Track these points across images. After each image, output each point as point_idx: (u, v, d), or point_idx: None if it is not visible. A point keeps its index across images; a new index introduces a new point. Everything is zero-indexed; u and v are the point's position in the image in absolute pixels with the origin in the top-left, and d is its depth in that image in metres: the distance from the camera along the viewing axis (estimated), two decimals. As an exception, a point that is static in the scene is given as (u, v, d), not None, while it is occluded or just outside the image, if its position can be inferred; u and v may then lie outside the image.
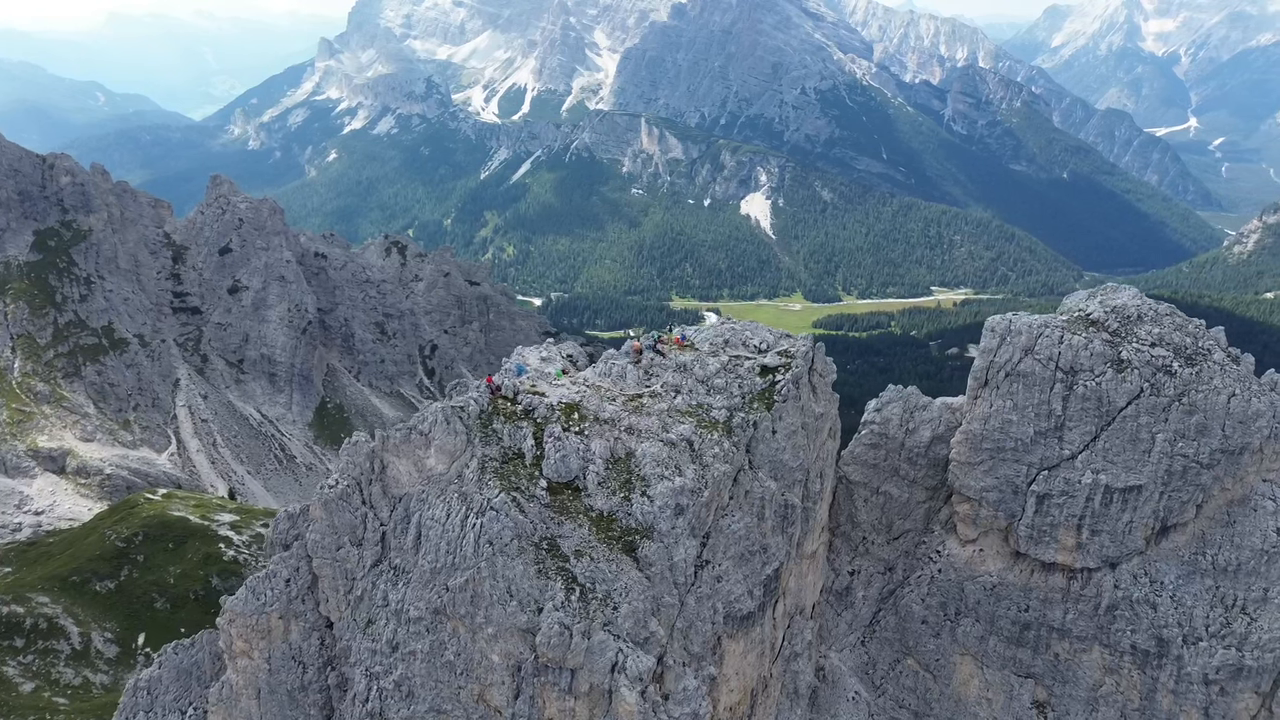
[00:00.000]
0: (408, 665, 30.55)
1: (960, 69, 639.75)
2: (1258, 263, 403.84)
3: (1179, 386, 33.05)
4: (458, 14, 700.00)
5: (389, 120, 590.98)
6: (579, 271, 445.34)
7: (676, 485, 30.56)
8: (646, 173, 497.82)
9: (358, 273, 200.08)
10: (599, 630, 28.33)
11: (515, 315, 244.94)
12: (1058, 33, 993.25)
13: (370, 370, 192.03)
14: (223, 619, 33.54)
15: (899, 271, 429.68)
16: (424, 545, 30.43)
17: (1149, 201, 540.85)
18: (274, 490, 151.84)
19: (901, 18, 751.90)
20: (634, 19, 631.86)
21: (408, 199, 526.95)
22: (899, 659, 38.96)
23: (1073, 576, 35.13)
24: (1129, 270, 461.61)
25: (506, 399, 33.30)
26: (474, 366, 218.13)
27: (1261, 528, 33.12)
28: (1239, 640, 32.51)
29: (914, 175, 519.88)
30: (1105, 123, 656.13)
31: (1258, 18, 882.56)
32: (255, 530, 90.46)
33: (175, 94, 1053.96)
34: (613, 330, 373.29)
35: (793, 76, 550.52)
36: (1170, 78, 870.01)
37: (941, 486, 38.93)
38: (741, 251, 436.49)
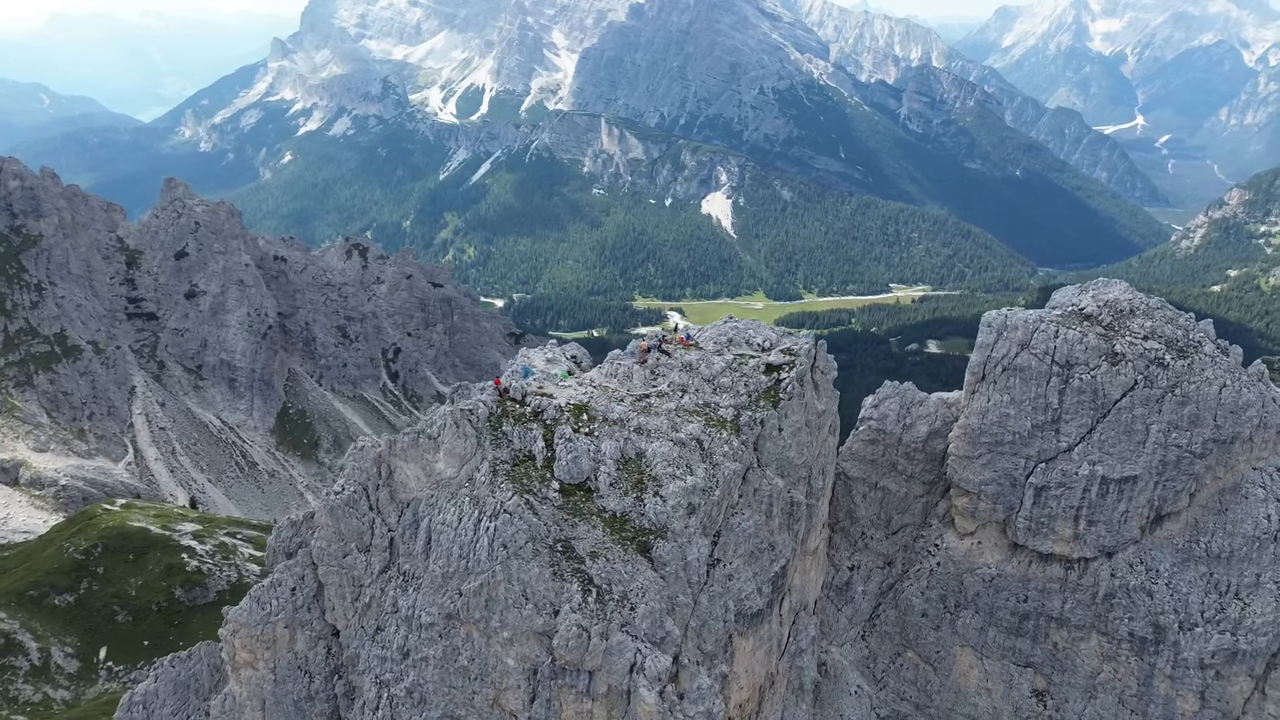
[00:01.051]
0: (419, 671, 30.17)
1: (915, 69, 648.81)
2: (1204, 257, 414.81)
3: (1171, 378, 33.73)
4: (413, 14, 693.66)
5: (345, 121, 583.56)
6: (541, 272, 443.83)
7: (688, 484, 30.61)
8: (607, 173, 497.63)
9: (318, 276, 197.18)
10: (617, 631, 28.24)
11: (479, 317, 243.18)
12: (1008, 33, 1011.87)
13: (333, 374, 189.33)
14: (225, 630, 32.81)
15: (858, 269, 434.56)
16: (435, 550, 30.04)
17: (1099, 198, 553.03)
18: (236, 498, 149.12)
19: (856, 18, 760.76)
20: (592, 19, 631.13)
21: (365, 201, 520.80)
22: (899, 652, 39.25)
23: (1070, 566, 35.64)
24: (1081, 265, 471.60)
25: (515, 401, 33.15)
26: (438, 369, 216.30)
27: (1253, 514, 33.86)
28: (1233, 625, 33.23)
29: (871, 174, 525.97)
30: (1055, 121, 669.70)
31: (1200, 18, 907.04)
32: (219, 539, 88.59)
33: (123, 95, 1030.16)
34: (576, 331, 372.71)
35: (751, 76, 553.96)
36: (1117, 77, 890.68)
37: (939, 481, 39.29)
38: (703, 251, 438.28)
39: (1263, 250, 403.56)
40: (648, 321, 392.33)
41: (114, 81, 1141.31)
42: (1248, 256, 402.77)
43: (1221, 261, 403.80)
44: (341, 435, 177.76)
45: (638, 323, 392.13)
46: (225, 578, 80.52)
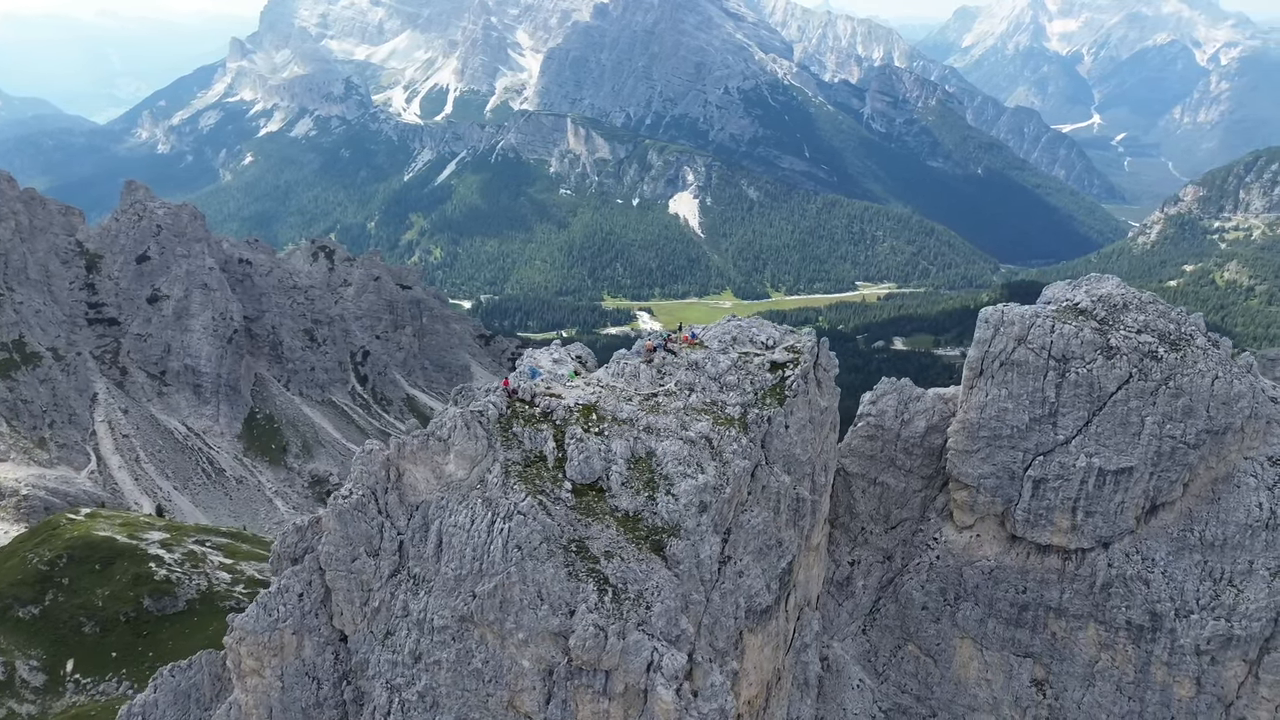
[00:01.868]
0: (432, 675, 29.99)
1: (877, 69, 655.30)
2: (1161, 253, 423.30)
3: (1165, 371, 34.32)
4: (375, 13, 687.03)
5: (307, 122, 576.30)
6: (509, 273, 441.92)
7: (700, 483, 30.70)
8: (574, 173, 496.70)
9: (284, 279, 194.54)
10: (634, 630, 28.28)
11: (449, 319, 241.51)
12: (967, 33, 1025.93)
13: (300, 379, 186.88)
14: (231, 638, 32.35)
15: (825, 267, 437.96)
16: (447, 553, 29.78)
17: (1058, 195, 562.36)
18: (203, 505, 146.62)
19: (819, 18, 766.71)
20: (556, 19, 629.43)
21: (328, 202, 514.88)
22: (900, 645, 39.55)
23: (1067, 557, 36.12)
24: (1041, 262, 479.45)
25: (524, 402, 33.06)
26: (408, 372, 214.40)
27: (1245, 503, 34.55)
28: (1228, 611, 33.88)
29: (836, 173, 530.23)
30: (1015, 120, 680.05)
31: (1153, 18, 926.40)
32: (187, 548, 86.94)
33: (77, 97, 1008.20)
34: (545, 332, 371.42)
35: (716, 76, 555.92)
36: (1074, 76, 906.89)
37: (937, 475, 39.63)
38: (671, 250, 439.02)
39: (1217, 245, 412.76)
40: (617, 322, 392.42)
41: (68, 83, 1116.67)
42: (1203, 252, 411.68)
43: (1177, 257, 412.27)
44: (310, 440, 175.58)
45: (607, 323, 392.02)
46: (195, 586, 78.84)
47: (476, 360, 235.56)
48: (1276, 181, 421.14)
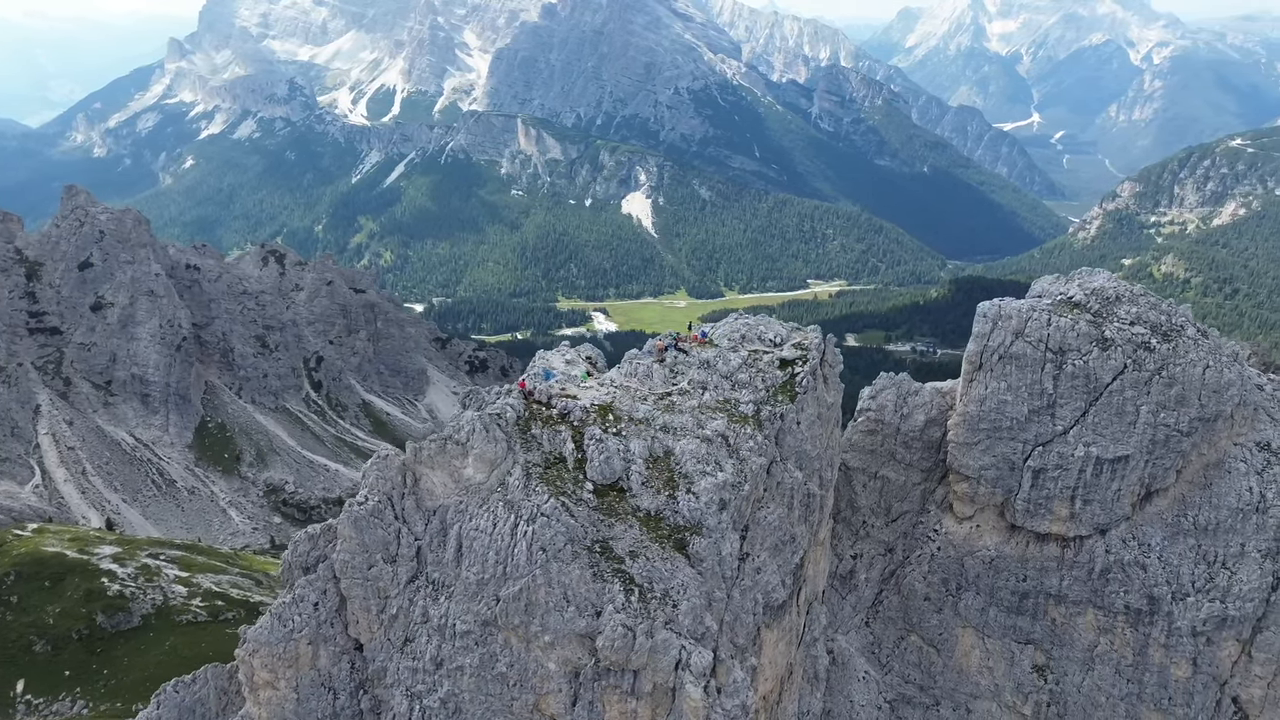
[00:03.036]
0: (454, 681, 29.69)
1: (825, 69, 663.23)
2: (1100, 247, 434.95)
3: (1158, 361, 35.22)
4: (319, 13, 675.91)
5: (250, 124, 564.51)
6: (461, 275, 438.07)
7: (719, 480, 30.89)
8: (525, 174, 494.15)
9: (234, 284, 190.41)
10: (661, 629, 28.28)
11: (404, 322, 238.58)
12: (911, 34, 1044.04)
13: (253, 386, 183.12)
14: (243, 650, 31.55)
15: (777, 266, 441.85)
16: (468, 557, 29.43)
17: (1001, 193, 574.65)
18: (154, 518, 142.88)
19: (766, 18, 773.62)
20: (504, 19, 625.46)
21: (274, 206, 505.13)
22: (903, 636, 40.00)
23: (1066, 545, 36.86)
24: (987, 257, 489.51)
25: (540, 404, 32.90)
26: (363, 377, 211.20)
27: (1236, 488, 35.59)
28: (1222, 593, 34.87)
29: (786, 172, 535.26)
30: (958, 119, 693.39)
31: (1089, 19, 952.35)
32: (141, 561, 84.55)
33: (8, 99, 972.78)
34: (500, 334, 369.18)
35: (666, 76, 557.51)
36: (1014, 76, 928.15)
37: (936, 468, 40.15)
38: (625, 251, 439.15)
39: (1153, 239, 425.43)
40: (572, 323, 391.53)
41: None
42: (1140, 245, 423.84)
43: (1116, 251, 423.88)
44: (264, 448, 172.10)
45: (562, 324, 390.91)
46: (150, 601, 76.52)
47: (433, 364, 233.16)
48: (1209, 177, 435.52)
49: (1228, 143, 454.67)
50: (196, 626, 73.39)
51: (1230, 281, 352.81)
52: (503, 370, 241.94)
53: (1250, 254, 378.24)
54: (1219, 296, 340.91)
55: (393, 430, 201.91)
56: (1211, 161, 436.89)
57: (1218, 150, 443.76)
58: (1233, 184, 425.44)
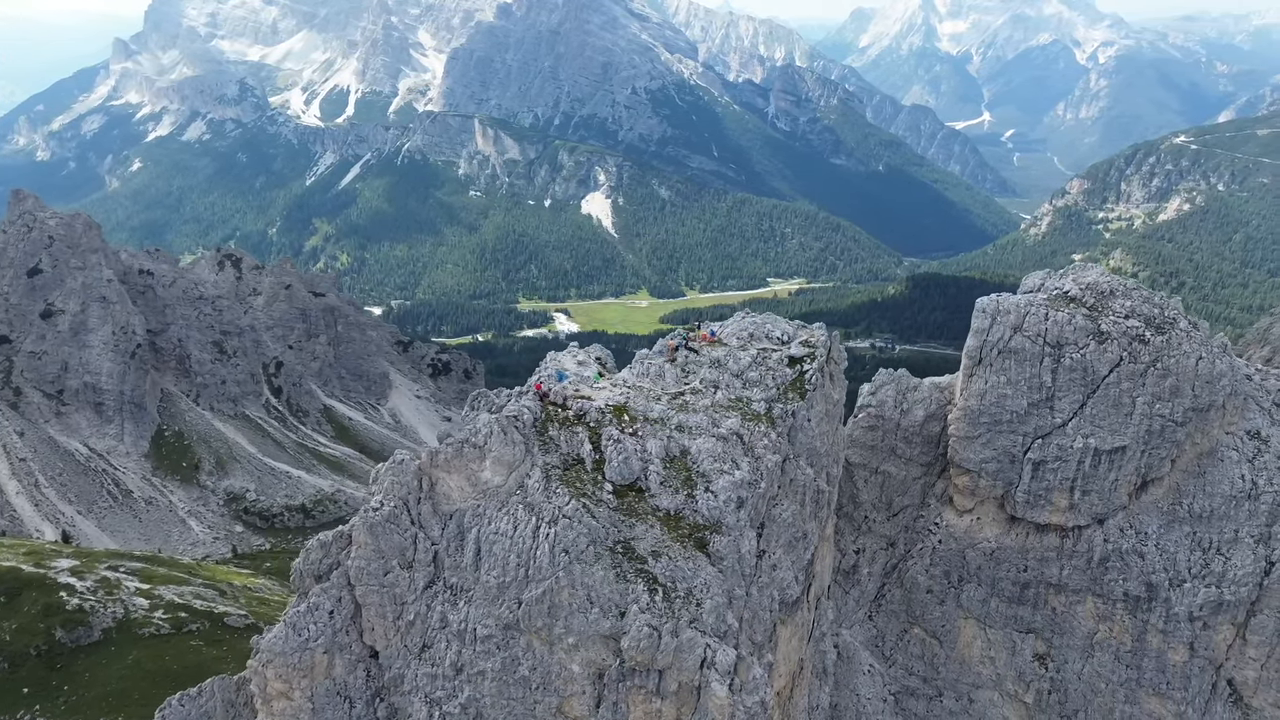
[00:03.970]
0: (475, 686, 29.41)
1: (780, 68, 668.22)
2: (1051, 242, 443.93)
3: (1153, 353, 36.05)
4: (269, 12, 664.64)
5: (199, 125, 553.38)
6: (420, 278, 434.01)
7: (737, 479, 30.99)
8: (483, 174, 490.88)
9: (189, 289, 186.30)
10: (686, 628, 28.20)
11: (365, 326, 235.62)
12: (863, 34, 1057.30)
13: (211, 392, 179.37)
14: (256, 661, 30.96)
15: (737, 265, 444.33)
16: (487, 560, 29.18)
17: (955, 190, 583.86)
18: (110, 530, 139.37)
19: (721, 18, 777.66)
20: (459, 19, 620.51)
21: (226, 209, 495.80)
22: (906, 629, 40.40)
23: (1065, 535, 37.50)
24: (942, 254, 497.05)
25: (556, 405, 32.78)
26: (324, 382, 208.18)
27: (1229, 475, 36.52)
28: (1217, 579, 35.75)
29: (744, 171, 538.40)
30: (911, 118, 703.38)
31: (1036, 19, 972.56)
32: (100, 574, 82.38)
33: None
34: (460, 336, 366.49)
35: (623, 76, 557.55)
36: (965, 75, 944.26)
37: (935, 462, 40.61)
38: (586, 251, 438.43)
39: (1102, 235, 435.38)
40: (533, 324, 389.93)
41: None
42: (1089, 241, 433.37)
43: (1067, 246, 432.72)
44: (224, 456, 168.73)
45: (523, 325, 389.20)
46: (111, 615, 74.45)
47: (395, 367, 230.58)
48: (1154, 174, 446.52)
49: (1171, 140, 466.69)
50: (160, 639, 71.60)
51: (1176, 275, 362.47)
52: (466, 373, 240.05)
53: (1195, 248, 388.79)
54: (1165, 290, 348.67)
55: (355, 435, 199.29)
56: (1156, 159, 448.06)
57: (1162, 148, 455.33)
58: (1177, 180, 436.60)
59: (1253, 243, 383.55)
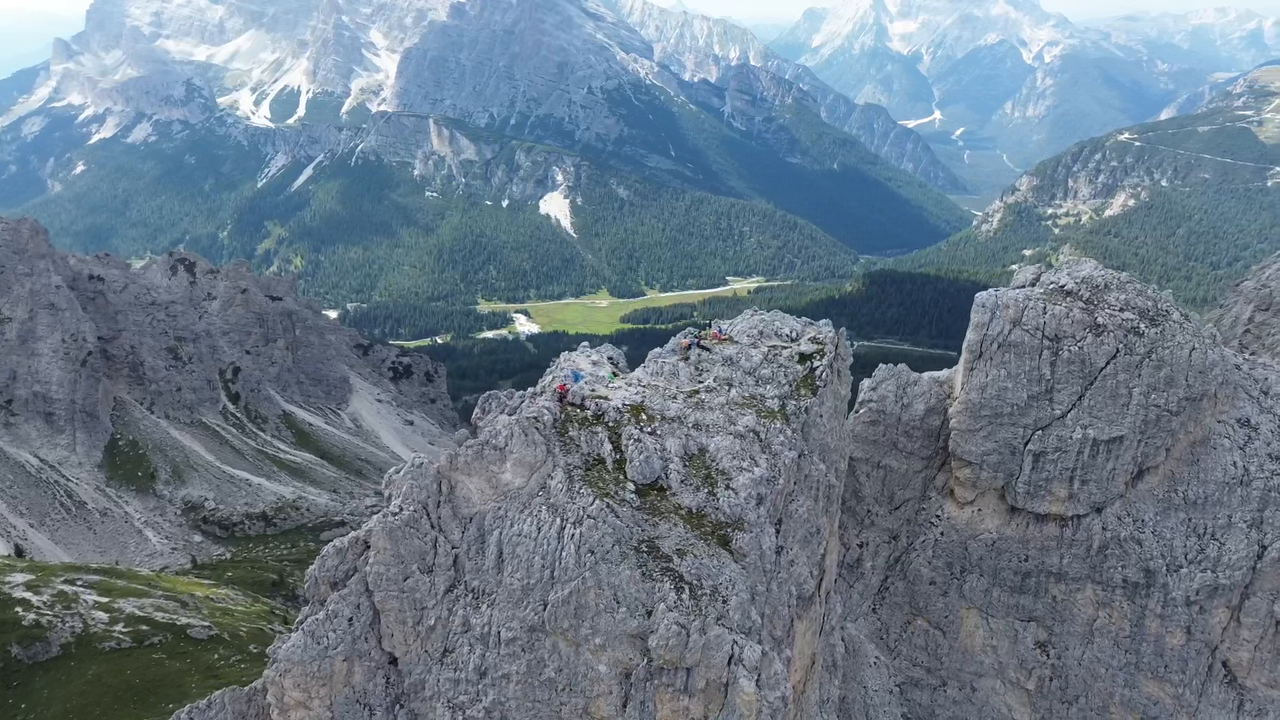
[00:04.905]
0: (500, 690, 29.21)
1: (735, 68, 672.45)
2: (1002, 239, 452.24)
3: (1148, 345, 36.91)
4: (215, 11, 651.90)
5: (145, 127, 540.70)
6: (376, 280, 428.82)
7: (756, 475, 31.09)
8: (439, 175, 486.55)
9: (141, 295, 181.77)
10: (714, 625, 28.17)
11: (324, 330, 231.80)
12: (816, 34, 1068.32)
13: (165, 400, 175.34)
14: (273, 670, 30.41)
15: (696, 264, 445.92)
16: (510, 563, 28.95)
17: (908, 188, 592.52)
18: (64, 542, 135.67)
19: (676, 18, 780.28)
20: (411, 18, 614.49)
21: (174, 212, 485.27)
22: (909, 621, 40.85)
23: (1064, 524, 38.22)
24: (897, 251, 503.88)
25: (575, 405, 32.68)
26: (283, 387, 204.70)
27: (1221, 463, 37.53)
28: (1213, 563, 36.70)
29: (701, 171, 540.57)
30: (865, 117, 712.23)
31: (983, 19, 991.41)
32: (56, 588, 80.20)
33: None
34: (419, 339, 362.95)
35: (579, 76, 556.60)
36: (915, 74, 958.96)
37: (936, 455, 41.14)
38: (545, 251, 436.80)
39: (1051, 231, 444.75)
40: (493, 325, 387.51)
41: None
42: (1039, 237, 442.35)
43: (1017, 242, 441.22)
44: (181, 465, 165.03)
45: (483, 327, 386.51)
46: (69, 629, 72.42)
47: (356, 371, 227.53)
48: (1100, 170, 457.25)
49: (1116, 137, 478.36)
50: (121, 653, 69.82)
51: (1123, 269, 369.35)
52: (427, 376, 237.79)
53: (1140, 242, 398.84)
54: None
55: (316, 441, 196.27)
56: (1102, 155, 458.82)
57: (1107, 144, 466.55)
58: (1122, 176, 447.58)
59: (1195, 237, 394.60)
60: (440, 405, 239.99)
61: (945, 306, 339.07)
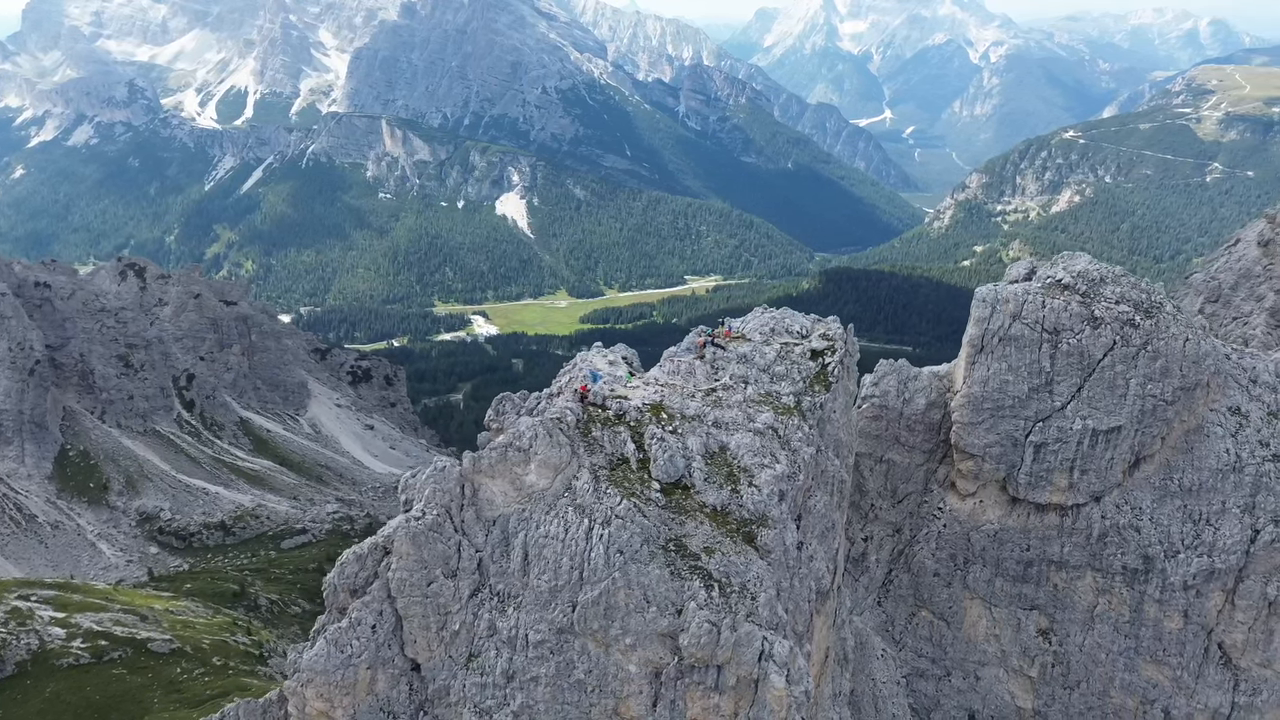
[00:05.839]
0: (528, 693, 29.00)
1: (689, 68, 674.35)
2: (954, 235, 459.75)
3: (1143, 336, 37.78)
4: (158, 10, 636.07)
5: (86, 130, 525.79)
6: (329, 283, 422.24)
7: (778, 472, 31.30)
8: (393, 176, 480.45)
9: (90, 301, 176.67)
10: (744, 622, 28.29)
11: (281, 334, 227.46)
12: (768, 34, 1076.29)
13: (117, 409, 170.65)
14: (295, 681, 29.82)
15: (654, 263, 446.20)
16: (536, 565, 28.67)
17: (861, 186, 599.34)
18: (15, 557, 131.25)
19: (629, 18, 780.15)
20: (361, 18, 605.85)
21: (118, 217, 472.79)
22: (914, 612, 41.25)
23: (1064, 513, 38.89)
24: (851, 248, 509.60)
25: (596, 405, 32.58)
26: (239, 394, 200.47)
27: (1215, 450, 38.52)
28: (1208, 548, 37.62)
29: (657, 170, 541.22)
30: (817, 116, 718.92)
31: (931, 19, 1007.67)
32: (10, 605, 77.71)
33: None
34: (375, 342, 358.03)
35: (533, 76, 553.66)
36: (866, 74, 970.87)
37: (937, 449, 41.59)
38: (502, 252, 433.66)
39: (1000, 227, 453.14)
40: (450, 327, 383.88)
41: None
42: (989, 233, 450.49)
43: (968, 239, 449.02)
44: (135, 475, 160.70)
45: (440, 329, 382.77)
46: (25, 647, 70.27)
47: (314, 376, 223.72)
48: (1046, 167, 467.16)
49: (1061, 135, 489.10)
50: (80, 670, 67.96)
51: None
52: (387, 380, 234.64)
53: (1086, 237, 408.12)
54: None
55: (275, 448, 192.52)
56: (1048, 153, 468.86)
57: (1053, 142, 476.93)
58: (1067, 173, 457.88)
59: (1139, 231, 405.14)
60: (401, 409, 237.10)
61: (900, 303, 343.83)
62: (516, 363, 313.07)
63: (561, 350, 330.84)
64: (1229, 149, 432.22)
